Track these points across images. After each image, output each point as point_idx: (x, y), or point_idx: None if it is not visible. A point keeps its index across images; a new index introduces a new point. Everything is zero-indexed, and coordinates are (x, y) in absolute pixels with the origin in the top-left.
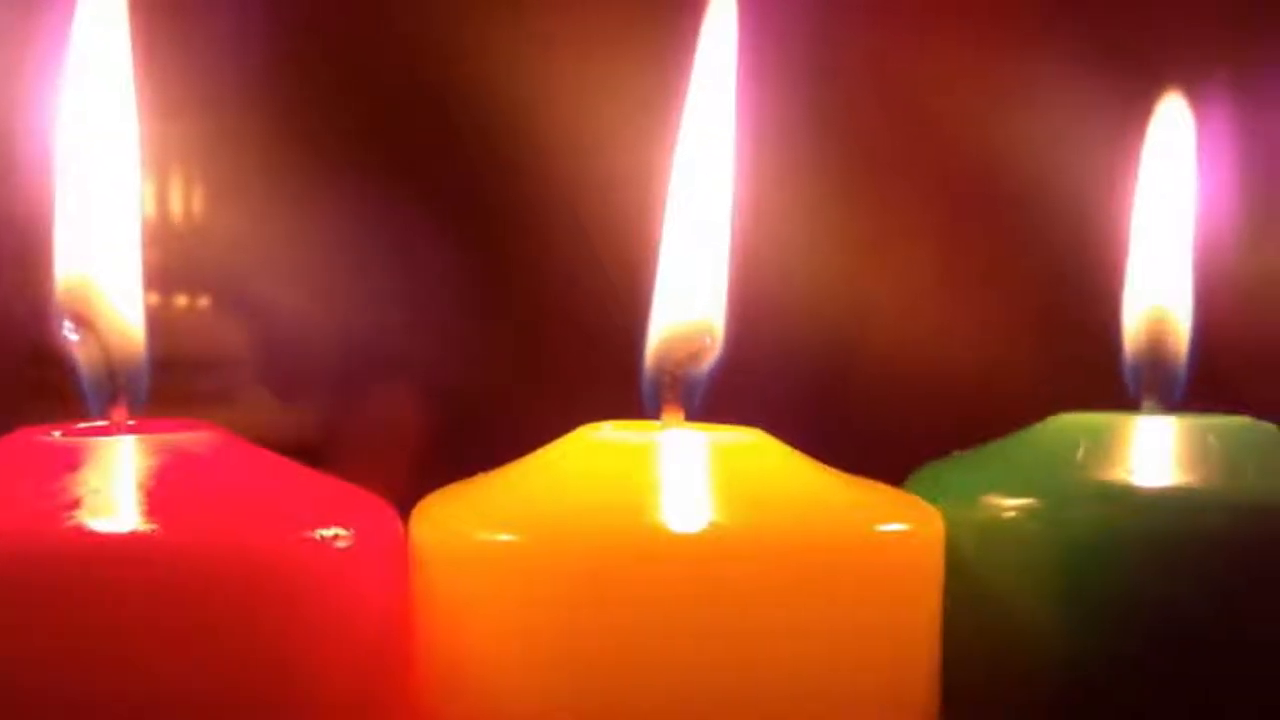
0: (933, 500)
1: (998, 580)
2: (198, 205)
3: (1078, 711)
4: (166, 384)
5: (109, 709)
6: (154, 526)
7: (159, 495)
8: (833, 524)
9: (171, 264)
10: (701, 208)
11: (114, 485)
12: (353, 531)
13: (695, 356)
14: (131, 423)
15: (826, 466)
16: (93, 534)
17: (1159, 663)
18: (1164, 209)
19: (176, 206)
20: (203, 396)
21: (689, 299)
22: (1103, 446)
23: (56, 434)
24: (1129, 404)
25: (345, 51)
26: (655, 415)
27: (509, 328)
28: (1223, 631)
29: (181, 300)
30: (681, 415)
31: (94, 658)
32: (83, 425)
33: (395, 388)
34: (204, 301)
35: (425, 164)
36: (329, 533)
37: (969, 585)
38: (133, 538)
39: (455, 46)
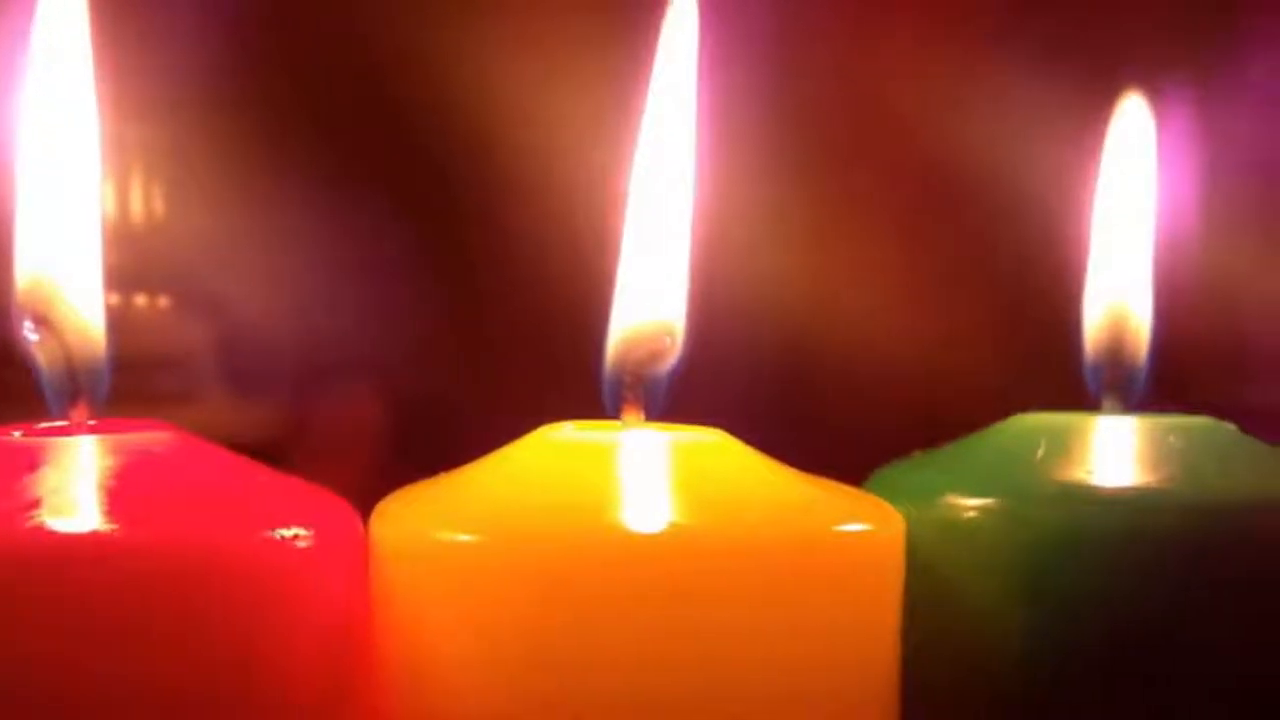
0: (893, 500)
1: (958, 580)
2: (158, 205)
3: (1038, 710)
4: (127, 384)
5: (69, 708)
6: (114, 526)
7: (119, 495)
8: (793, 524)
9: (132, 264)
10: (662, 208)
11: (74, 485)
12: (313, 531)
13: (656, 356)
14: (92, 422)
15: (787, 467)
16: (53, 534)
17: (1119, 662)
18: (1124, 208)
19: (137, 206)
20: (163, 396)
21: (650, 299)
22: (1063, 446)
23: (16, 434)
24: (1089, 404)
25: (306, 53)
26: (616, 415)
27: (469, 327)
28: (1182, 631)
29: (141, 300)
30: (642, 415)
31: (54, 657)
32: (43, 425)
33: (355, 387)
34: (164, 301)
35: (385, 164)
36: (289, 532)
37: (929, 585)
38: (93, 538)
39: (416, 48)
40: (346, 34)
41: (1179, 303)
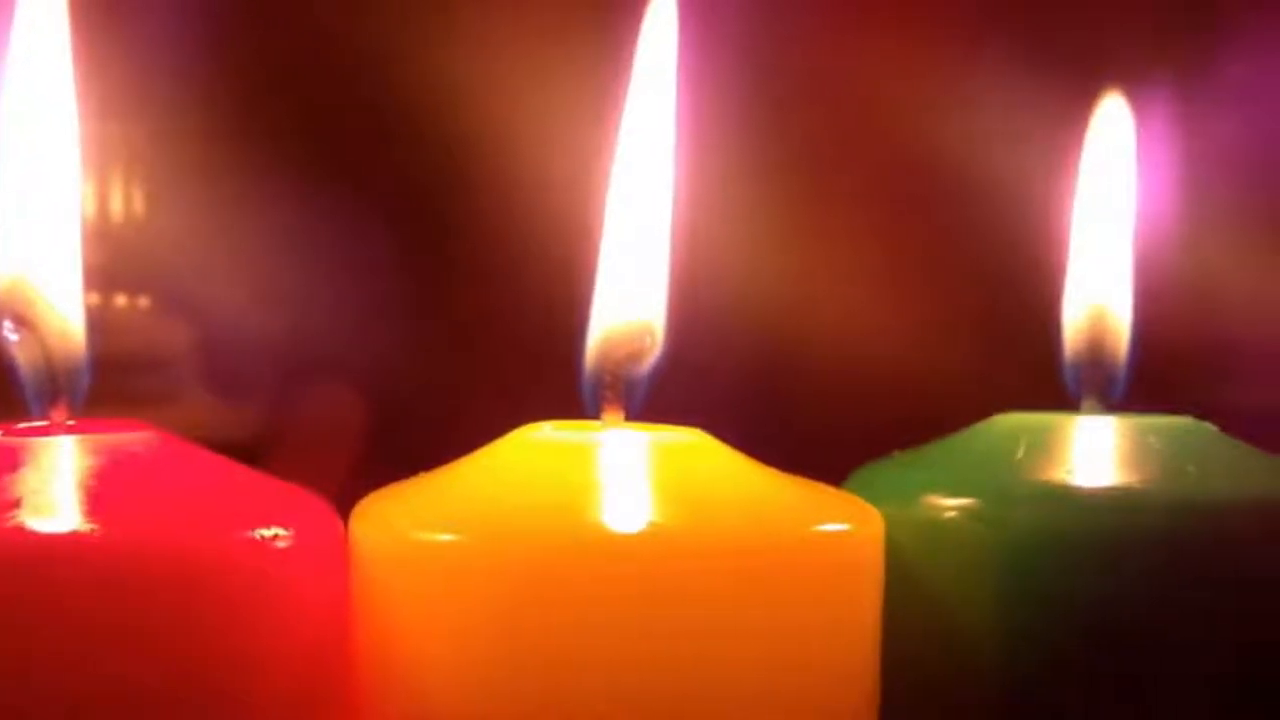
0: (873, 500)
1: (938, 580)
2: (138, 205)
3: (1018, 711)
4: (106, 384)
5: (47, 708)
6: (94, 526)
7: (99, 495)
8: (773, 524)
9: (111, 264)
10: (642, 207)
11: (54, 485)
12: (292, 531)
13: (635, 356)
14: (71, 423)
15: (767, 466)
16: (32, 534)
17: (1099, 663)
18: (1104, 208)
19: (117, 206)
20: (143, 396)
21: (629, 299)
22: (1043, 446)
23: None
24: (1069, 404)
25: (285, 52)
26: (595, 415)
27: (449, 328)
28: (1162, 631)
29: (121, 300)
30: (622, 415)
31: (32, 657)
32: (23, 425)
33: (335, 387)
34: (144, 301)
35: (365, 164)
36: (268, 532)
37: (909, 585)
38: (73, 538)
39: (396, 47)
40: (325, 33)
41: (1159, 303)
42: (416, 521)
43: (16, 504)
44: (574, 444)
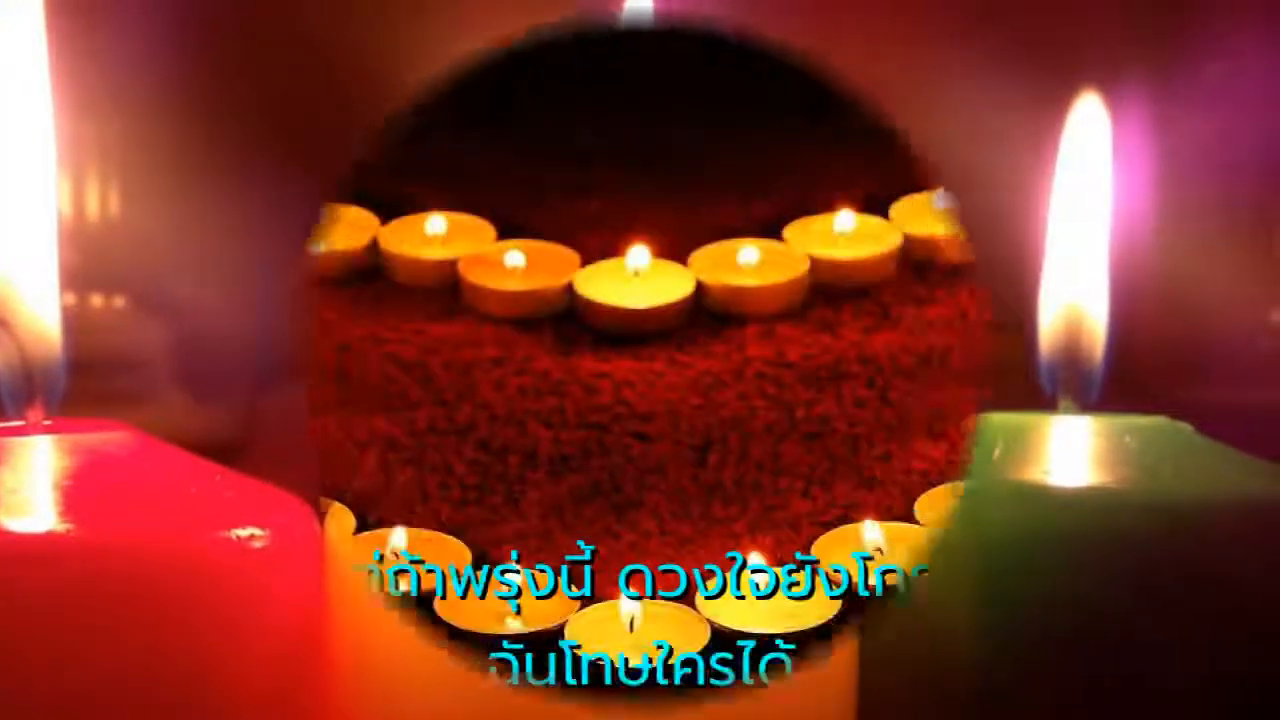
0: None
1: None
2: (114, 205)
3: (994, 707)
4: (83, 384)
5: (27, 706)
6: (70, 526)
7: (75, 495)
8: None
9: (88, 264)
10: None
11: (30, 485)
12: (268, 531)
13: None
14: (48, 423)
15: None
16: (9, 533)
17: (1076, 661)
18: (1080, 208)
19: (93, 207)
20: (119, 396)
21: None
22: (1020, 447)
23: None
24: (1046, 404)
25: (262, 53)
26: None
27: None
28: (1139, 630)
29: (98, 300)
30: None
31: (7, 655)
32: None
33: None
34: (120, 302)
35: (343, 163)
36: (245, 532)
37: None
38: (49, 538)
39: (375, 48)
40: (302, 34)
41: (1134, 303)
42: None
43: None
44: None
